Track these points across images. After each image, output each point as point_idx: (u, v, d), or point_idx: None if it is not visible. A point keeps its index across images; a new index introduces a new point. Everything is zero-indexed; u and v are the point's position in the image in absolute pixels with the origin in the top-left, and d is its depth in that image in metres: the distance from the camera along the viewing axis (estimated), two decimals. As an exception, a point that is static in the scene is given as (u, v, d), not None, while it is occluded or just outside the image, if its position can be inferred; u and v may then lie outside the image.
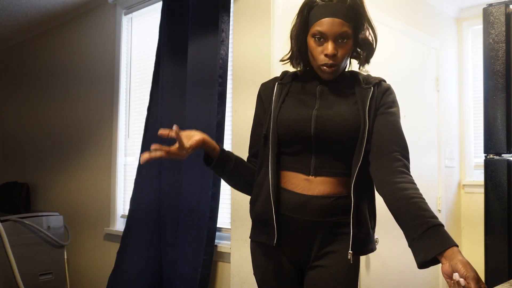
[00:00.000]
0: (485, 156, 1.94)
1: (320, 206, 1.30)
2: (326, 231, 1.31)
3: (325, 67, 1.30)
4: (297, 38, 1.36)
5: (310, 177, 1.31)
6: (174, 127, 1.22)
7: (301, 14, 1.35)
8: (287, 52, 1.43)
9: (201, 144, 1.31)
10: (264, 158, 1.37)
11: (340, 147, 1.30)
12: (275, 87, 1.41)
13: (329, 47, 1.28)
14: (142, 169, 2.82)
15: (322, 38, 1.29)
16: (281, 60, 1.46)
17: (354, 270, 1.33)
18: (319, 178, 1.31)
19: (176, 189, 2.55)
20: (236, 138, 2.30)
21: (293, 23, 1.39)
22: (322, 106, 1.32)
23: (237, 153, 2.26)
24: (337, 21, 1.27)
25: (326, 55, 1.28)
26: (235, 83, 2.35)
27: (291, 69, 1.47)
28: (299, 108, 1.34)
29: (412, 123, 2.85)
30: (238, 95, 2.33)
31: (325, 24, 1.27)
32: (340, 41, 1.29)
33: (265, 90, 1.45)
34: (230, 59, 2.41)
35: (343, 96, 1.34)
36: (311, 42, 1.32)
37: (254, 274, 1.44)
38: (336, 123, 1.29)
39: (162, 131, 1.23)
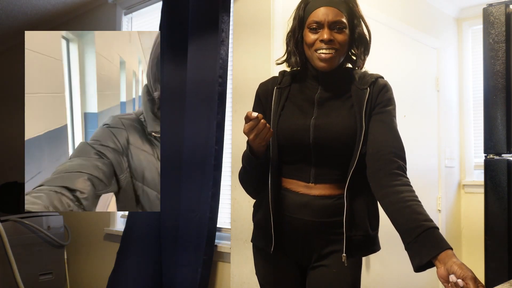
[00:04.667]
0: (485, 156, 1.94)
1: (321, 207, 1.30)
2: (327, 231, 1.31)
3: (321, 54, 1.29)
4: (294, 34, 1.36)
5: (310, 184, 1.32)
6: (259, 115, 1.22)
7: (297, 10, 1.36)
8: (283, 54, 1.42)
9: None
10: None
11: (339, 154, 1.30)
12: (274, 91, 1.39)
13: (325, 33, 1.28)
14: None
15: (318, 27, 1.29)
16: (277, 62, 1.44)
17: (356, 270, 1.34)
18: (319, 185, 1.31)
19: (176, 189, 2.55)
20: (236, 138, 2.30)
21: (289, 24, 1.39)
22: (320, 114, 1.32)
23: (236, 153, 2.28)
24: (332, 9, 1.29)
25: (321, 41, 1.28)
26: (235, 83, 2.35)
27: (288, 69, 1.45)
28: (298, 117, 1.33)
29: (412, 123, 2.85)
30: (238, 95, 2.33)
31: (320, 13, 1.28)
32: (336, 30, 1.29)
33: (264, 93, 1.43)
34: (230, 59, 2.41)
35: (341, 100, 1.33)
36: (307, 33, 1.32)
37: (256, 274, 1.45)
38: (334, 132, 1.29)
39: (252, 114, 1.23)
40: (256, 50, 2.25)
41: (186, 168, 2.49)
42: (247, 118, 1.22)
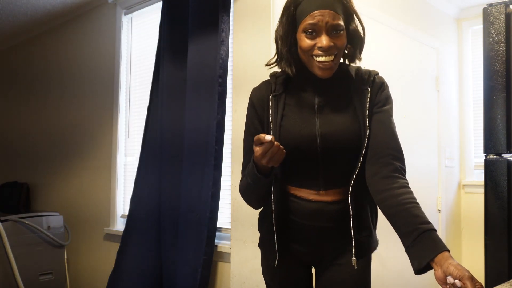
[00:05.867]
0: (485, 156, 1.94)
1: (334, 212, 1.29)
2: (340, 234, 1.30)
3: (320, 63, 1.22)
4: (286, 38, 1.27)
5: (321, 192, 1.30)
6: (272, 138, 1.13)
7: (287, 11, 1.26)
8: (273, 56, 1.35)
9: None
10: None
11: (347, 159, 1.28)
12: (270, 100, 1.32)
13: (323, 39, 1.19)
14: (142, 169, 2.81)
15: (314, 32, 1.20)
16: (267, 65, 1.36)
17: (368, 267, 1.35)
18: (329, 191, 1.30)
19: (176, 189, 2.55)
20: (236, 138, 2.30)
21: (278, 24, 1.31)
22: (323, 123, 1.27)
23: (236, 153, 2.28)
24: (329, 12, 1.19)
25: (320, 48, 1.20)
26: (235, 83, 2.35)
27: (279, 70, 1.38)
28: (301, 127, 1.27)
29: (412, 123, 2.85)
30: (238, 95, 2.33)
31: (316, 16, 1.19)
32: (333, 33, 1.21)
33: (259, 101, 1.35)
34: (230, 59, 2.41)
35: (342, 105, 1.29)
36: (302, 38, 1.23)
37: (263, 274, 1.45)
38: (342, 141, 1.26)
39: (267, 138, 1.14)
40: (256, 50, 2.25)
41: (186, 168, 2.49)
42: (259, 141, 1.15)
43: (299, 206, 1.31)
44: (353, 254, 1.26)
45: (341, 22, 1.22)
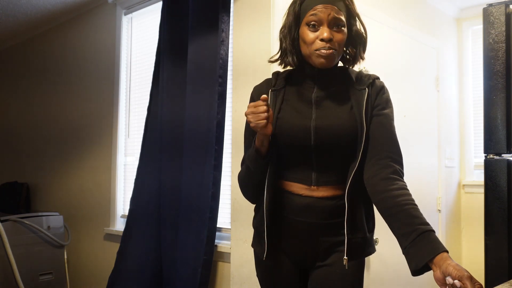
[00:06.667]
0: (485, 156, 1.94)
1: (325, 208, 1.29)
2: (331, 232, 1.31)
3: (320, 51, 1.25)
4: (290, 31, 1.32)
5: (312, 187, 1.31)
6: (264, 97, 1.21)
7: (293, 6, 1.32)
8: (276, 52, 1.39)
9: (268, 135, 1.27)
10: None
11: (341, 155, 1.29)
12: (269, 95, 1.36)
13: (325, 31, 1.25)
14: (142, 169, 2.82)
15: (316, 25, 1.26)
16: (270, 60, 1.41)
17: (359, 271, 1.33)
18: (321, 187, 1.30)
19: (176, 189, 2.55)
20: (236, 138, 2.30)
21: (284, 20, 1.36)
22: (319, 116, 1.29)
23: (236, 153, 2.28)
24: (331, 7, 1.26)
25: (322, 40, 1.25)
26: (235, 83, 2.35)
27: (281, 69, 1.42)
28: (297, 120, 1.30)
29: (412, 123, 2.85)
30: (238, 95, 2.33)
31: (319, 10, 1.25)
32: (335, 28, 1.26)
33: (259, 97, 1.36)
34: (230, 59, 2.41)
35: (339, 101, 1.31)
36: (305, 30, 1.28)
37: (257, 276, 1.45)
38: (336, 134, 1.27)
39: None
40: (256, 49, 2.25)
41: (186, 168, 2.49)
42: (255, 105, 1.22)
43: (290, 200, 1.32)
44: (345, 253, 1.26)
45: (343, 18, 1.27)
